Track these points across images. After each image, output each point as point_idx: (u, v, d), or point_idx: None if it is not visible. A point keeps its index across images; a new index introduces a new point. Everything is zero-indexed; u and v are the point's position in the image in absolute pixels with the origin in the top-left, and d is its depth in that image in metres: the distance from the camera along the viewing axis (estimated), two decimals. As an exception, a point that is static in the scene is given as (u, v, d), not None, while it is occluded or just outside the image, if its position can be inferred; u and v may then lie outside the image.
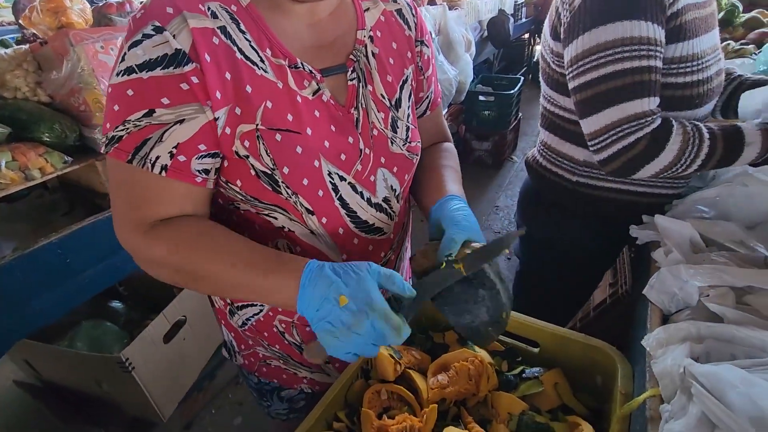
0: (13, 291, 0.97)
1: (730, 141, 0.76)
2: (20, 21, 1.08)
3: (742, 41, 1.87)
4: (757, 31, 1.94)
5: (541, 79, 1.01)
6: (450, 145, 0.82)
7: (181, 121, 0.52)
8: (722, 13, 2.10)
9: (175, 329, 1.54)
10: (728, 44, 1.77)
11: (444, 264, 0.56)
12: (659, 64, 0.76)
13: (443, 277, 0.55)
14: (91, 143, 1.15)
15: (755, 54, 1.62)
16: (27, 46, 1.10)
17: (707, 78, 0.80)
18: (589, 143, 0.82)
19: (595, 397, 0.69)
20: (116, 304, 1.71)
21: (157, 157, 0.52)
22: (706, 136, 0.76)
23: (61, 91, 1.07)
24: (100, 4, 1.15)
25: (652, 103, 0.76)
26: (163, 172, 0.52)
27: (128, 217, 0.54)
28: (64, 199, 1.37)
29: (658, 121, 0.76)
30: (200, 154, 0.54)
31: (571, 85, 0.82)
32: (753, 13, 2.11)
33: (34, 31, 1.06)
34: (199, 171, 0.55)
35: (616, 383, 0.61)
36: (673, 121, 0.77)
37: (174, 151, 0.52)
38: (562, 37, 0.85)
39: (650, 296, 0.67)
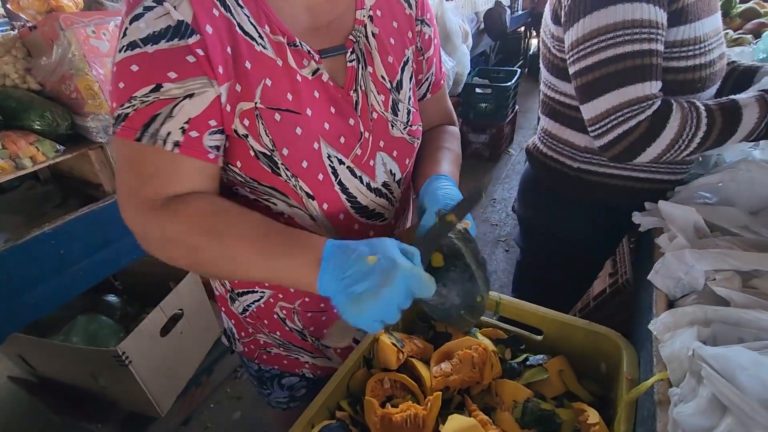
0: (5, 283, 0.95)
1: (726, 110, 0.75)
2: (8, 5, 1.05)
3: (740, 31, 1.86)
4: (754, 21, 1.94)
5: (541, 64, 1.00)
6: (453, 128, 0.80)
7: (191, 96, 0.50)
8: (719, 3, 2.10)
9: (171, 323, 1.52)
10: (726, 33, 1.76)
11: (438, 220, 0.55)
12: (661, 47, 0.74)
13: (438, 232, 0.54)
14: (83, 132, 1.12)
15: (753, 43, 1.62)
16: (16, 31, 1.07)
17: (710, 61, 0.80)
18: (589, 129, 0.81)
19: (600, 383, 0.68)
20: (111, 298, 1.70)
21: (168, 133, 0.50)
22: (703, 109, 0.75)
23: (52, 77, 1.05)
24: (91, -11, 1.12)
25: (653, 87, 0.75)
26: (176, 148, 0.50)
27: (137, 196, 0.51)
28: (56, 191, 1.35)
29: (658, 103, 0.75)
30: (211, 130, 0.52)
31: (571, 70, 0.81)
32: (750, 4, 2.10)
33: (23, 16, 1.03)
34: (210, 147, 0.53)
35: (622, 369, 0.60)
36: (672, 101, 0.76)
37: (186, 126, 0.50)
38: (562, 21, 0.83)
39: (655, 281, 0.66)
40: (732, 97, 0.76)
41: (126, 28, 0.48)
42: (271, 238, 0.51)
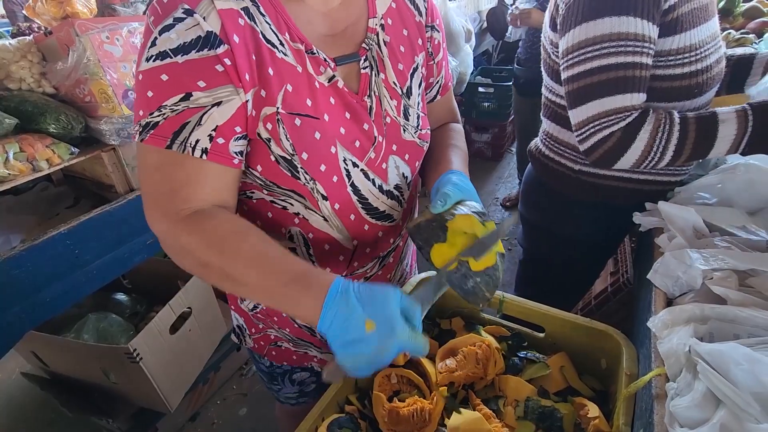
0: (23, 282, 0.98)
1: (703, 122, 0.76)
2: (23, 11, 1.07)
3: (742, 30, 1.87)
4: (757, 20, 1.94)
5: (542, 68, 1.02)
6: (458, 126, 0.83)
7: (219, 104, 0.52)
8: (722, 3, 2.10)
9: (180, 321, 1.55)
10: (729, 33, 1.77)
11: (438, 271, 0.58)
12: (647, 60, 0.76)
13: (439, 283, 0.57)
14: (96, 134, 1.15)
15: (756, 43, 1.63)
16: (31, 36, 1.09)
17: (707, 67, 0.81)
18: (574, 133, 0.84)
19: (600, 379, 0.70)
20: (121, 297, 1.72)
21: (197, 141, 0.51)
22: (678, 122, 0.77)
23: (66, 81, 1.07)
24: (104, -5, 1.15)
25: (634, 98, 0.77)
26: (204, 155, 0.52)
27: (163, 202, 0.53)
28: (68, 192, 1.37)
29: (635, 115, 0.77)
30: (237, 136, 0.54)
31: (563, 76, 0.84)
32: (753, 3, 2.10)
33: (38, 21, 1.06)
34: (235, 153, 0.55)
35: (621, 365, 0.62)
36: (650, 112, 0.78)
37: (213, 134, 0.52)
38: (558, 28, 0.86)
39: (654, 280, 0.68)
40: (714, 110, 0.77)
41: (155, 38, 0.50)
42: (281, 269, 0.51)
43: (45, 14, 1.02)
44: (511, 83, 3.32)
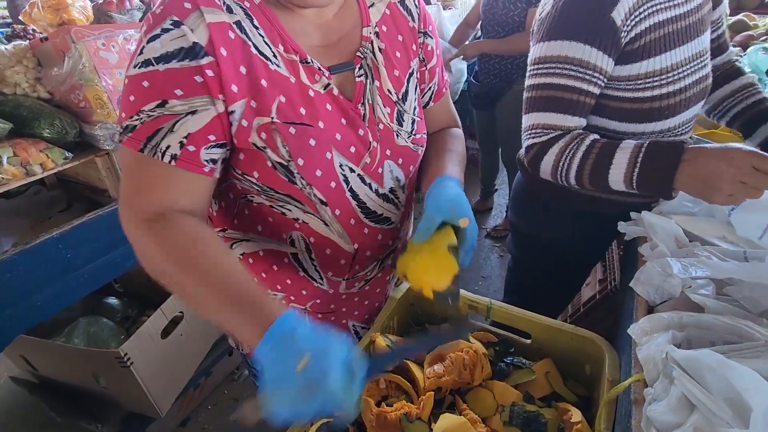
0: (14, 286, 0.98)
1: (605, 148, 0.79)
2: (19, 17, 1.08)
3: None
4: (743, 33, 1.99)
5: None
6: (457, 130, 0.84)
7: (193, 112, 0.53)
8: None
9: (172, 325, 1.55)
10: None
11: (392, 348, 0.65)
12: (591, 88, 0.80)
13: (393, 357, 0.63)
14: (91, 140, 1.16)
15: (741, 56, 1.67)
16: (27, 42, 1.10)
17: (681, 89, 0.82)
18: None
19: (585, 385, 0.72)
20: (112, 301, 1.72)
21: (168, 147, 0.53)
22: (587, 142, 0.81)
23: (62, 87, 1.08)
24: (100, 2, 1.16)
25: (568, 120, 0.82)
26: (173, 161, 0.53)
27: (131, 204, 0.55)
28: (61, 195, 1.38)
29: (557, 133, 0.84)
30: (209, 145, 0.56)
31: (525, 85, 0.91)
32: (739, 17, 2.16)
33: (34, 27, 1.07)
34: (207, 161, 0.56)
35: (604, 371, 0.64)
36: (570, 133, 0.83)
37: (184, 141, 0.53)
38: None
39: (636, 288, 0.70)
40: (626, 140, 0.79)
41: (143, 47, 0.52)
42: (233, 289, 0.50)
43: (41, 20, 1.03)
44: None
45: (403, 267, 0.63)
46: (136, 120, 0.53)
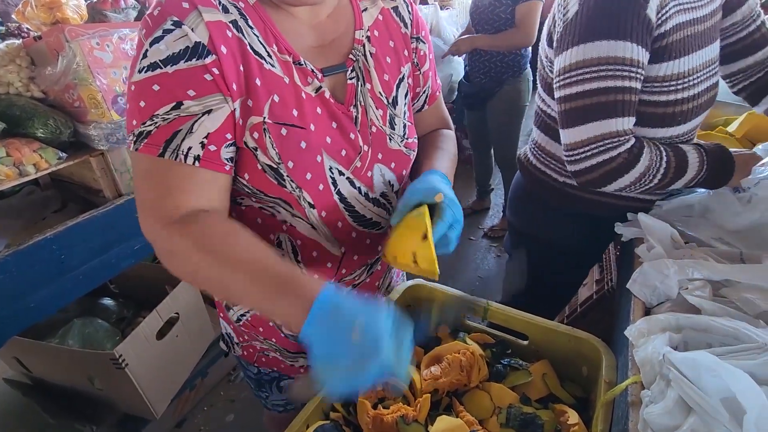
0: (7, 287, 0.97)
1: (677, 154, 0.82)
2: (13, 15, 1.07)
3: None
4: None
5: (537, 79, 1.04)
6: (448, 131, 0.84)
7: (209, 112, 0.53)
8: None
9: (167, 326, 1.54)
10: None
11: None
12: (637, 85, 0.78)
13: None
14: (85, 139, 1.14)
15: None
16: (20, 40, 1.09)
17: (694, 95, 0.82)
18: (565, 153, 0.84)
19: (582, 386, 0.72)
20: (107, 302, 1.70)
21: (189, 148, 0.53)
22: (663, 150, 0.82)
23: (56, 86, 1.07)
24: (95, 0, 1.15)
25: (627, 122, 0.79)
26: (197, 162, 0.53)
27: (156, 208, 0.54)
28: (56, 196, 1.36)
29: (633, 139, 0.80)
30: (227, 143, 0.55)
31: (556, 95, 0.85)
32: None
33: (28, 26, 1.06)
34: (226, 159, 0.56)
35: (601, 372, 0.64)
36: (643, 140, 0.82)
37: (205, 141, 0.53)
38: (554, 45, 0.87)
39: (633, 290, 0.70)
40: (678, 144, 0.82)
41: (146, 50, 0.51)
42: (269, 274, 0.50)
43: (35, 19, 1.02)
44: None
45: (386, 250, 0.64)
46: (151, 125, 0.52)
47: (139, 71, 0.52)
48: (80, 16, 1.06)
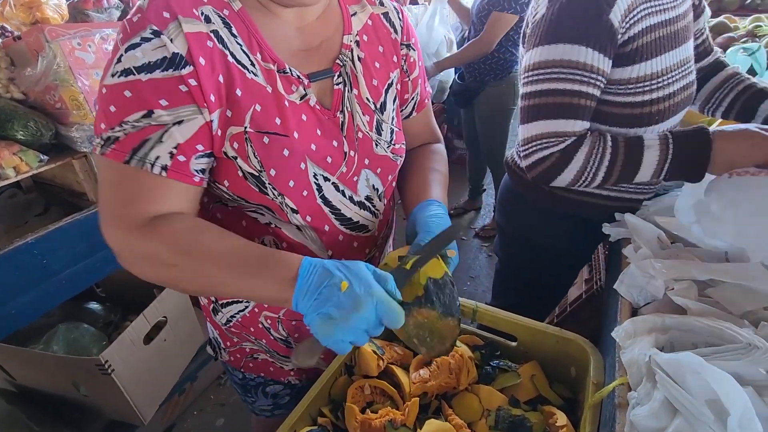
0: (-13, 293, 0.94)
1: (630, 148, 0.80)
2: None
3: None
4: (723, 35, 2.02)
5: (519, 78, 1.04)
6: (440, 146, 0.84)
7: (180, 122, 0.52)
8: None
9: (155, 330, 1.52)
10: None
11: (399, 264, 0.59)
12: (593, 90, 0.79)
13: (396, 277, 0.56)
14: (67, 141, 1.12)
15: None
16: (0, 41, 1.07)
17: (669, 94, 0.82)
18: (518, 149, 0.87)
19: (570, 387, 0.72)
20: (94, 306, 1.68)
21: (157, 158, 0.52)
22: (610, 145, 0.81)
23: (36, 87, 1.05)
24: (77, 0, 1.13)
25: (576, 125, 0.80)
26: (164, 172, 0.52)
27: (120, 215, 0.53)
28: (38, 199, 1.34)
29: (573, 139, 0.81)
30: (198, 154, 0.55)
31: (519, 92, 0.88)
32: (720, 18, 2.20)
33: (7, 26, 1.03)
34: (196, 171, 0.55)
35: (589, 374, 0.64)
36: (587, 136, 0.82)
37: (174, 151, 0.53)
38: (524, 44, 0.89)
39: (620, 290, 0.71)
40: (641, 136, 0.81)
41: (121, 55, 0.50)
42: (248, 257, 0.52)
43: (14, 19, 1.00)
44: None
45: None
46: (119, 131, 0.51)
47: (112, 75, 0.51)
48: (61, 16, 1.04)
